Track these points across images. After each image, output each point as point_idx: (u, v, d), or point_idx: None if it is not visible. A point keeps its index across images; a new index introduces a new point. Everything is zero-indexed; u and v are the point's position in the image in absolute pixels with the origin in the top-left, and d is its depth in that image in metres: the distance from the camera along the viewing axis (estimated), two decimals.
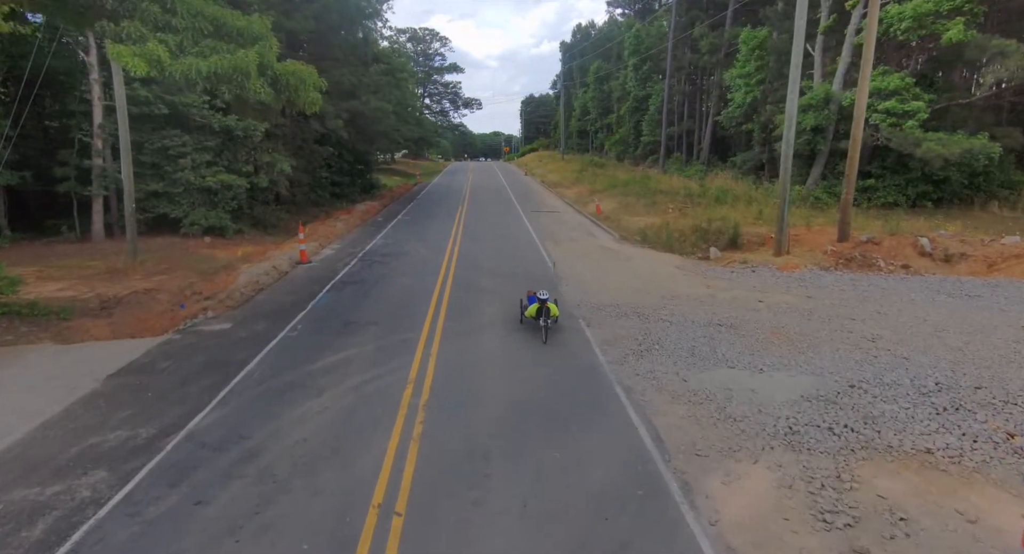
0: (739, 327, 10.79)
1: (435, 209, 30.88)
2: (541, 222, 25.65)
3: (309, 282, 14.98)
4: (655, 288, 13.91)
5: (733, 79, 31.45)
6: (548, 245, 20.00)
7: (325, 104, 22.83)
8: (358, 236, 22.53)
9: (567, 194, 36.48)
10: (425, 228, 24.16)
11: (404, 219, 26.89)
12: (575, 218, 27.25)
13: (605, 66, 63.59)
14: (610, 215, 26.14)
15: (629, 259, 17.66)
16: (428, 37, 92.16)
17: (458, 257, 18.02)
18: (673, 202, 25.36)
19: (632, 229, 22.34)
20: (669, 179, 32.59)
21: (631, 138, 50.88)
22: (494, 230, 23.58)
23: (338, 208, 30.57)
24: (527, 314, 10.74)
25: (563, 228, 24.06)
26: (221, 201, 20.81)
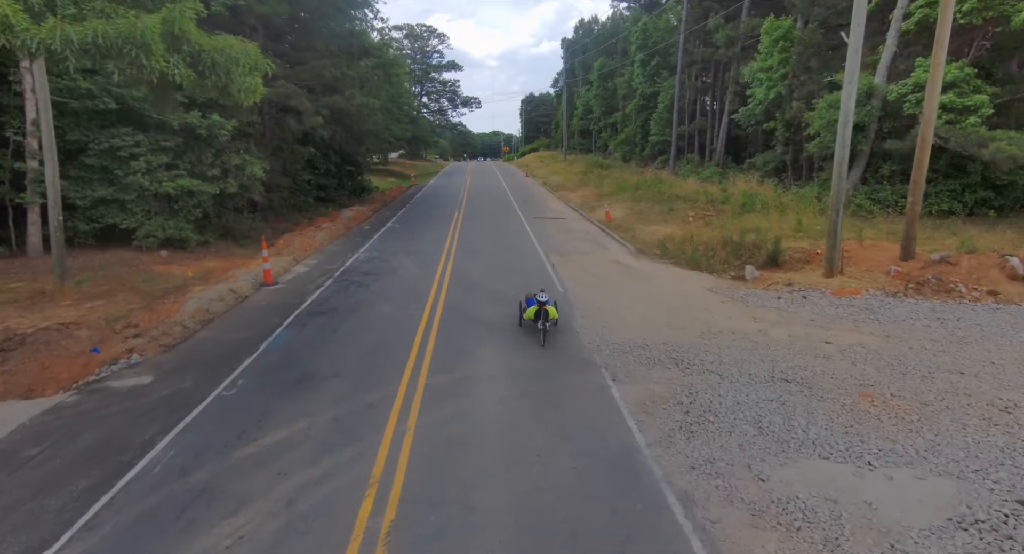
0: (812, 384, 8.23)
1: (429, 215, 28.32)
2: (545, 230, 23.10)
3: (269, 312, 12.41)
4: (689, 320, 11.36)
5: (753, 74, 28.88)
6: (555, 260, 17.45)
7: (303, 99, 20.31)
8: (339, 248, 19.95)
9: (572, 198, 33.92)
10: (416, 238, 21.61)
11: (394, 227, 24.32)
12: (582, 226, 24.69)
13: (609, 63, 61.07)
14: (622, 223, 23.58)
15: (650, 278, 15.10)
16: (426, 34, 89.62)
17: (451, 275, 15.47)
18: (693, 209, 22.81)
19: (649, 240, 19.78)
20: (683, 182, 30.03)
21: (638, 138, 48.32)
22: (493, 241, 21.03)
23: (323, 214, 28.01)
24: (525, 316, 10.59)
25: (570, 238, 21.51)
26: (182, 209, 18.25)
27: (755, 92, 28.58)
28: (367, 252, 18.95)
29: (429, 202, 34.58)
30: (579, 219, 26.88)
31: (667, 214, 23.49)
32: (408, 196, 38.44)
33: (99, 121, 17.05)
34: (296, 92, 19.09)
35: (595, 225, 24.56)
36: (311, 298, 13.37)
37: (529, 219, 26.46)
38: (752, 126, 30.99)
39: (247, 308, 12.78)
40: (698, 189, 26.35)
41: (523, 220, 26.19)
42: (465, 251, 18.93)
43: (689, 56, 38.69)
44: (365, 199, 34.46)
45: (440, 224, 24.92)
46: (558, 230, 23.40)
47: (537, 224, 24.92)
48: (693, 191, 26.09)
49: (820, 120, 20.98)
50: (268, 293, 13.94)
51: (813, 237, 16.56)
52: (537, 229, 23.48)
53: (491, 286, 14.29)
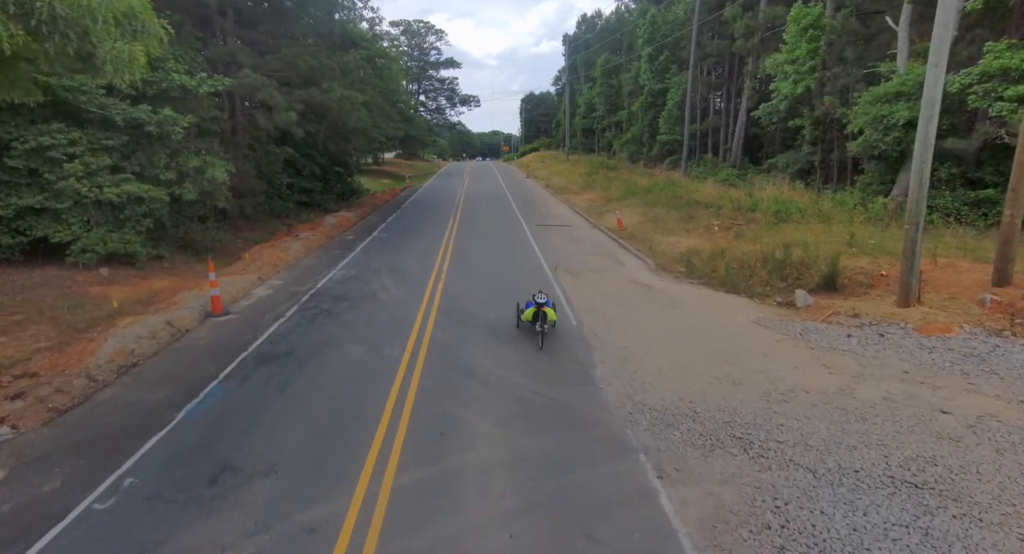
0: (956, 493, 5.67)
1: (421, 222, 25.73)
2: (550, 241, 20.53)
3: (207, 355, 9.82)
4: (743, 369, 8.80)
5: (776, 67, 26.32)
6: (564, 279, 14.89)
7: (272, 92, 17.72)
8: (315, 263, 17.36)
9: (577, 202, 31.33)
10: (404, 250, 19.02)
11: (381, 237, 21.72)
12: (591, 235, 22.12)
13: (614, 58, 58.52)
14: (636, 233, 21.00)
15: (680, 304, 12.54)
16: (423, 30, 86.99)
17: (441, 300, 12.89)
18: (717, 217, 20.24)
19: (670, 254, 17.22)
20: (700, 185, 27.45)
21: (645, 137, 45.78)
22: (491, 254, 18.46)
23: (305, 221, 25.42)
24: (523, 318, 10.44)
25: (579, 250, 18.94)
26: (129, 219, 15.64)
27: (779, 87, 26.01)
28: (346, 269, 16.35)
29: (423, 206, 31.98)
30: (587, 227, 24.30)
31: (687, 222, 20.91)
32: (401, 200, 35.83)
33: (27, 115, 14.45)
34: (264, 84, 16.52)
35: (606, 234, 21.98)
36: (265, 334, 10.78)
37: (531, 226, 23.89)
38: (774, 124, 28.44)
39: (181, 349, 10.18)
40: (719, 194, 23.78)
41: (525, 227, 23.62)
42: (459, 268, 16.35)
43: (702, 49, 36.14)
44: (354, 203, 31.86)
45: (433, 233, 22.33)
46: (564, 240, 20.82)
47: (540, 232, 22.35)
48: (713, 196, 23.51)
49: (864, 116, 18.42)
50: (214, 327, 11.35)
51: (871, 253, 13.98)
52: (541, 238, 20.91)
53: (490, 316, 11.72)
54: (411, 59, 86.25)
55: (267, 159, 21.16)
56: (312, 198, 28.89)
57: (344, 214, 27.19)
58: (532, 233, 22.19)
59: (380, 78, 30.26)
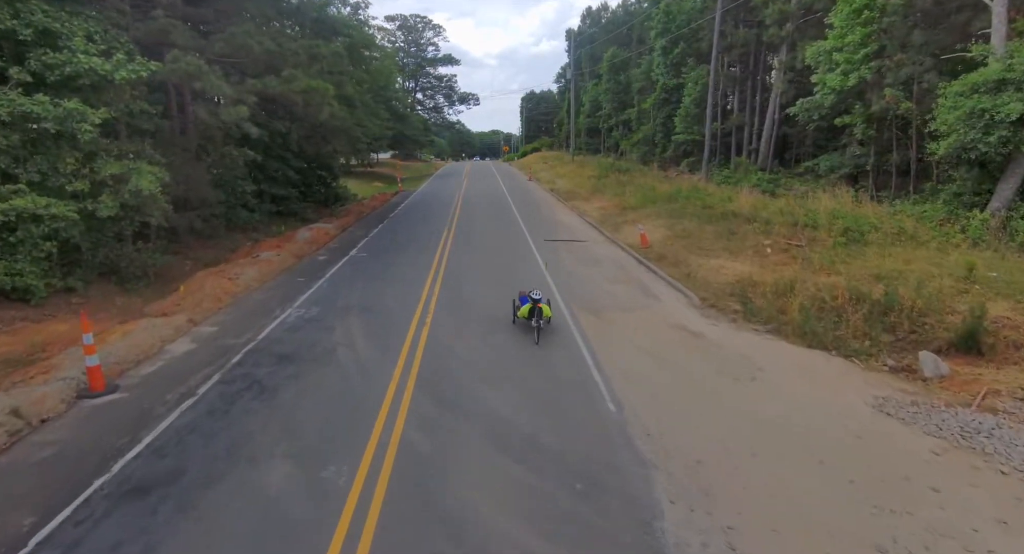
0: None
1: (409, 236, 22.15)
2: (562, 262, 16.98)
3: (40, 481, 6.23)
4: (917, 529, 5.24)
5: (819, 56, 22.75)
6: (585, 322, 11.37)
7: (213, 79, 14.10)
8: (268, 297, 13.77)
9: (588, 210, 27.75)
10: (383, 278, 15.45)
11: (358, 258, 18.12)
12: (611, 253, 18.54)
13: (621, 53, 54.96)
14: (666, 252, 17.42)
15: (756, 371, 8.97)
16: (420, 25, 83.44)
17: (423, 365, 9.33)
18: (768, 234, 16.66)
19: (716, 285, 13.67)
20: (731, 193, 23.85)
21: (658, 137, 42.22)
22: (491, 281, 14.88)
23: (275, 234, 21.85)
24: (520, 315, 10.57)
25: (599, 276, 15.39)
26: (22, 243, 12.08)
27: (823, 79, 22.39)
28: (305, 306, 12.76)
29: (414, 215, 28.38)
30: (603, 242, 20.72)
31: (728, 240, 17.32)
32: (390, 207, 32.21)
33: None
34: (202, 69, 12.92)
35: (628, 253, 18.40)
36: (152, 434, 7.19)
37: (538, 241, 20.32)
38: (814, 122, 24.84)
39: (6, 466, 6.58)
40: (760, 203, 20.20)
41: (530, 243, 20.04)
42: (451, 306, 12.78)
43: (725, 40, 32.56)
44: (337, 211, 28.27)
45: (421, 252, 18.75)
46: (579, 261, 17.26)
47: (549, 250, 18.78)
48: (753, 206, 19.93)
49: (953, 111, 14.85)
50: (81, 418, 7.73)
51: (1005, 292, 10.41)
52: (551, 258, 17.35)
53: (493, 401, 8.14)
54: (407, 55, 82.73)
55: (224, 163, 17.58)
56: (287, 207, 25.31)
57: (322, 226, 23.59)
58: (540, 251, 18.62)
59: (366, 71, 26.72)
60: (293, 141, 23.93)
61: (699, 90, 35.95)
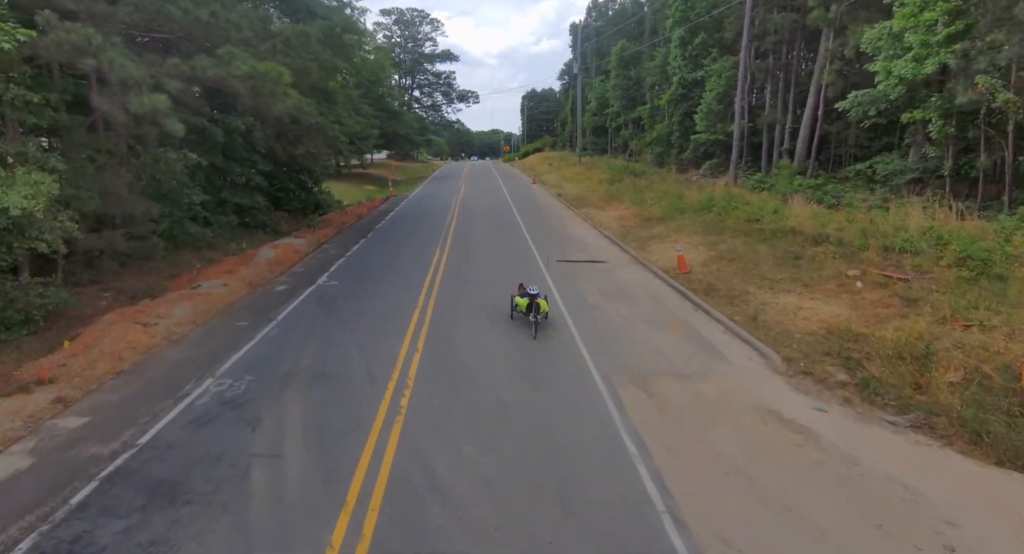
0: None
1: (395, 255, 18.50)
2: (583, 294, 13.35)
3: None
4: None
5: (882, 40, 19.13)
6: (630, 398, 7.89)
7: (113, 57, 10.42)
8: (188, 355, 10.10)
9: (603, 220, 24.12)
10: (354, 319, 11.82)
11: (327, 287, 14.47)
12: (641, 280, 14.89)
13: (630, 46, 51.30)
14: (713, 280, 13.79)
15: (943, 531, 5.33)
16: (417, 19, 79.78)
17: (391, 501, 5.71)
18: (848, 261, 13.00)
19: (798, 335, 10.06)
20: (775, 203, 20.18)
21: (675, 136, 38.55)
22: (494, 326, 11.24)
23: (234, 252, 18.23)
24: (519, 308, 10.74)
25: (633, 317, 11.76)
26: None
27: (887, 67, 18.72)
28: (231, 375, 9.11)
29: (403, 227, 24.75)
30: (628, 264, 17.07)
31: (795, 267, 13.66)
32: (378, 215, 28.56)
33: None
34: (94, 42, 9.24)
35: (662, 280, 14.76)
36: None
37: (551, 265, 16.70)
38: (870, 118, 21.17)
39: None
40: (822, 217, 16.54)
41: (540, 266, 16.42)
42: (440, 372, 9.15)
43: (755, 26, 28.86)
44: (316, 222, 24.62)
45: (407, 278, 15.12)
46: (603, 292, 13.62)
47: (564, 276, 15.16)
48: (813, 220, 16.28)
49: None
50: None
51: None
52: (567, 288, 13.74)
53: None
54: (403, 51, 79.09)
55: (159, 168, 13.96)
56: (255, 217, 21.66)
57: (293, 241, 19.95)
58: (553, 277, 15.01)
59: (348, 60, 23.11)
60: (260, 141, 20.30)
61: (723, 84, 32.34)
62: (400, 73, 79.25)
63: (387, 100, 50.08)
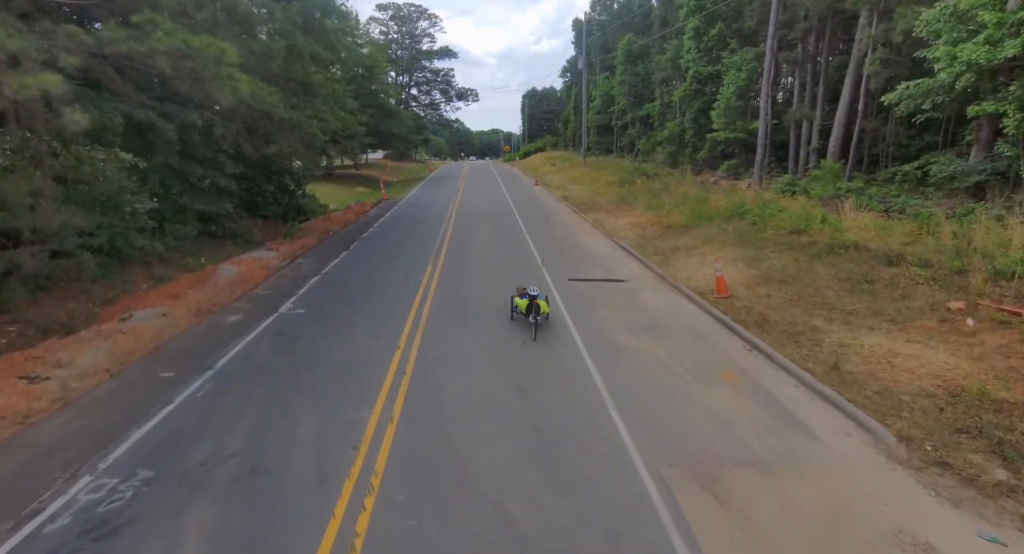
0: None
1: (379, 272, 15.84)
2: (604, 328, 10.71)
3: None
4: None
5: (943, 21, 16.52)
6: (695, 519, 5.12)
7: None
8: (72, 431, 7.42)
9: (617, 229, 21.47)
10: (316, 367, 9.18)
11: (290, 317, 11.81)
12: (674, 307, 12.22)
13: (637, 39, 48.66)
14: (763, 307, 11.15)
15: None
16: (415, 15, 77.11)
17: None
18: (944, 288, 10.34)
19: (906, 395, 7.39)
20: (819, 210, 17.54)
21: (689, 135, 35.92)
22: (498, 374, 8.61)
23: (191, 268, 15.59)
24: (520, 309, 10.63)
25: (675, 365, 9.11)
26: None
27: (952, 52, 16.12)
28: (118, 472, 6.45)
29: (392, 237, 22.11)
30: (653, 283, 14.41)
31: (869, 294, 11.01)
32: (366, 222, 25.91)
33: None
34: None
35: (699, 306, 12.11)
36: None
37: (560, 281, 14.08)
38: (925, 112, 18.52)
39: None
40: (882, 228, 13.90)
41: (551, 286, 13.78)
42: (417, 472, 6.52)
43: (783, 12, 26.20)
44: (294, 230, 21.95)
45: (387, 307, 12.48)
46: (629, 323, 10.98)
47: (581, 300, 12.53)
48: (878, 232, 13.64)
49: None
50: None
51: None
52: (587, 321, 11.10)
53: None
54: (400, 47, 76.42)
55: (87, 171, 11.32)
56: (222, 226, 19.00)
57: (263, 254, 17.32)
58: (567, 301, 12.39)
59: (330, 49, 20.42)
60: (226, 138, 17.66)
61: (744, 78, 29.74)
62: (397, 70, 76.60)
63: (382, 97, 47.41)
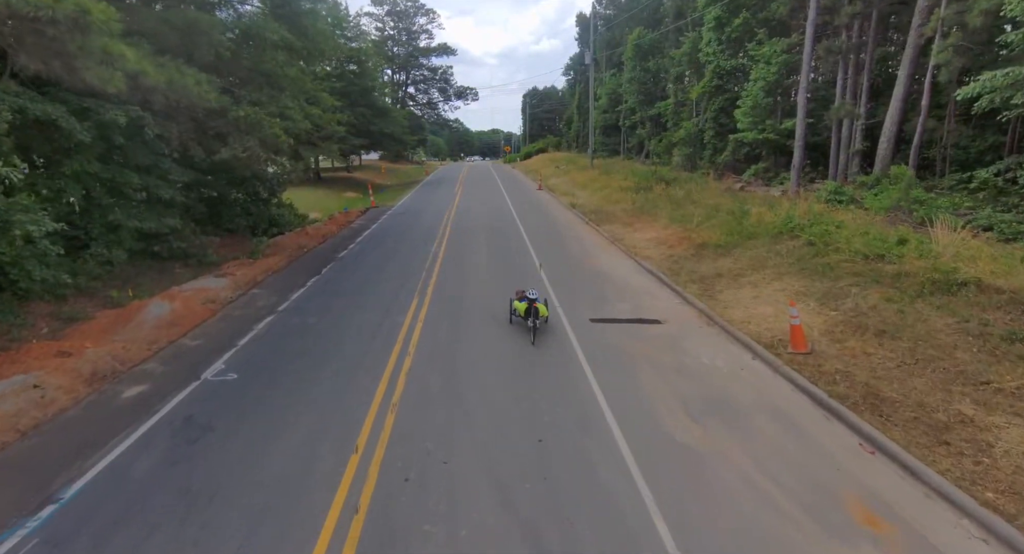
0: None
1: (349, 310, 12.63)
2: (659, 417, 7.51)
3: None
4: None
5: None
6: None
7: None
8: None
9: (639, 245, 18.30)
10: (230, 496, 6.01)
11: (213, 388, 8.64)
12: (743, 372, 9.02)
13: (648, 33, 45.50)
14: (866, 375, 7.96)
15: None
16: (412, 11, 73.94)
17: None
18: None
19: None
20: (897, 228, 14.40)
21: (708, 135, 32.72)
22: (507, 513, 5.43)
23: (115, 303, 12.43)
24: (518, 313, 10.55)
25: (779, 491, 5.90)
26: None
27: None
28: None
29: (374, 256, 18.93)
30: (700, 327, 11.20)
31: (1004, 359, 7.83)
32: (348, 236, 22.72)
33: None
34: None
35: (776, 371, 8.91)
36: None
37: (578, 321, 10.92)
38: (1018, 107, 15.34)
39: None
40: (1005, 257, 10.73)
41: (566, 326, 10.61)
42: None
43: None
44: (262, 246, 18.77)
45: (354, 364, 9.32)
46: (691, 408, 7.78)
47: (607, 351, 9.39)
48: (995, 263, 10.46)
49: None
50: None
51: None
52: (625, 396, 7.94)
53: None
54: (397, 44, 73.28)
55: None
56: (168, 246, 15.80)
57: (210, 284, 14.12)
58: (589, 356, 9.27)
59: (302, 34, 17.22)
60: (170, 140, 14.49)
61: (774, 72, 26.56)
62: (393, 68, 73.50)
63: (374, 95, 44.24)
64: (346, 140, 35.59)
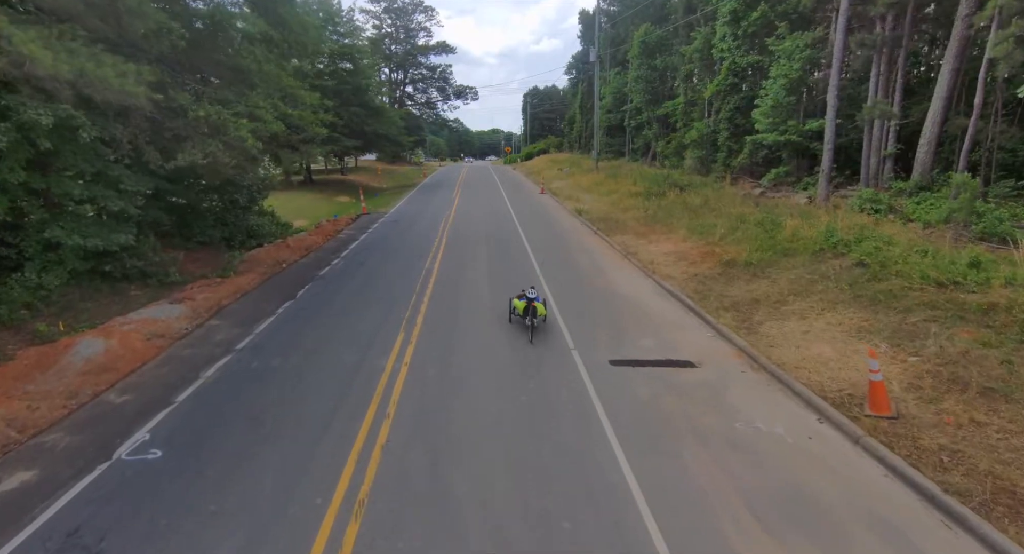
0: None
1: (324, 345, 10.62)
2: (708, 510, 5.48)
3: None
4: None
5: None
6: None
7: None
8: None
9: (656, 261, 16.29)
10: None
11: (130, 471, 6.67)
12: (805, 437, 7.00)
13: (655, 29, 43.48)
14: (978, 454, 5.94)
15: None
16: (410, 7, 71.94)
17: None
18: None
19: None
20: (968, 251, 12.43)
21: (722, 137, 30.68)
22: None
23: (42, 339, 10.42)
24: (518, 312, 10.61)
25: None
26: None
27: None
28: None
29: (360, 273, 16.93)
30: (746, 373, 9.19)
31: None
32: (334, 248, 20.70)
33: None
34: None
35: (865, 450, 6.89)
36: None
37: (595, 363, 8.92)
38: None
39: None
40: None
41: (583, 373, 8.61)
42: None
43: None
44: (235, 261, 16.77)
45: (321, 427, 7.33)
46: (745, 494, 5.79)
47: (636, 412, 7.39)
48: None
49: None
50: None
51: None
52: (657, 474, 5.97)
53: None
54: (394, 42, 71.28)
55: None
56: (121, 265, 13.78)
57: (161, 313, 12.11)
58: (612, 417, 7.30)
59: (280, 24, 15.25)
60: (119, 144, 12.49)
61: (797, 69, 24.54)
62: (390, 66, 71.51)
63: (368, 95, 42.23)
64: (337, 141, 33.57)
